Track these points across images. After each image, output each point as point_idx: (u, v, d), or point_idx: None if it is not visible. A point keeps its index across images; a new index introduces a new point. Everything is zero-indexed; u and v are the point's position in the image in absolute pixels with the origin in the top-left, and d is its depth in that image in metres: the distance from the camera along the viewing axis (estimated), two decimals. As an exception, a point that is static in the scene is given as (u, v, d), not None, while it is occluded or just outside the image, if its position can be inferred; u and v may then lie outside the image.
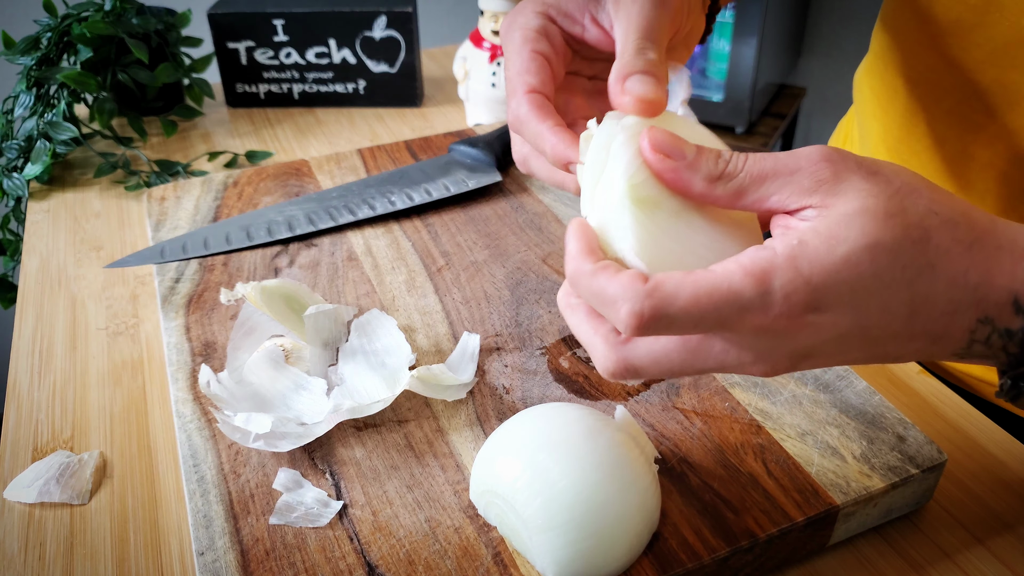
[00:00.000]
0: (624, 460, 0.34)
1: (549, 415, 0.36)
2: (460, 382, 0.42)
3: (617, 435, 0.35)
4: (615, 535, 0.33)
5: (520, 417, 0.37)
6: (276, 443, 0.38)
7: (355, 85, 0.84)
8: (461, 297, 0.50)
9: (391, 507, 0.37)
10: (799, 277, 0.27)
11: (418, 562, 0.34)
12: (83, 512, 0.41)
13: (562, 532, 0.33)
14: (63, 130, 0.71)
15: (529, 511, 0.33)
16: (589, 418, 0.36)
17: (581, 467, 0.33)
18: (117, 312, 0.55)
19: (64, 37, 0.75)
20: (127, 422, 0.46)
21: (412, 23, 0.80)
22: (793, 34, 1.86)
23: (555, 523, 0.33)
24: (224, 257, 0.54)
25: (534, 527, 0.33)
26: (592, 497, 0.33)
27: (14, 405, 0.48)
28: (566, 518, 0.33)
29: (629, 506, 0.33)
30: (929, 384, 0.48)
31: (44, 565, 0.38)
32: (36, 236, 0.65)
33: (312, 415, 0.40)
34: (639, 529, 0.34)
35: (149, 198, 0.61)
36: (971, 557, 0.38)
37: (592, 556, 0.33)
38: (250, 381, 0.42)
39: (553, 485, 0.33)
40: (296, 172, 0.64)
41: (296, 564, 0.34)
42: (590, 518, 0.33)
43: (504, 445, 0.35)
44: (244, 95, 0.85)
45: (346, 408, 0.39)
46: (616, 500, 0.33)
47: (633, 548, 0.34)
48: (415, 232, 0.57)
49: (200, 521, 0.36)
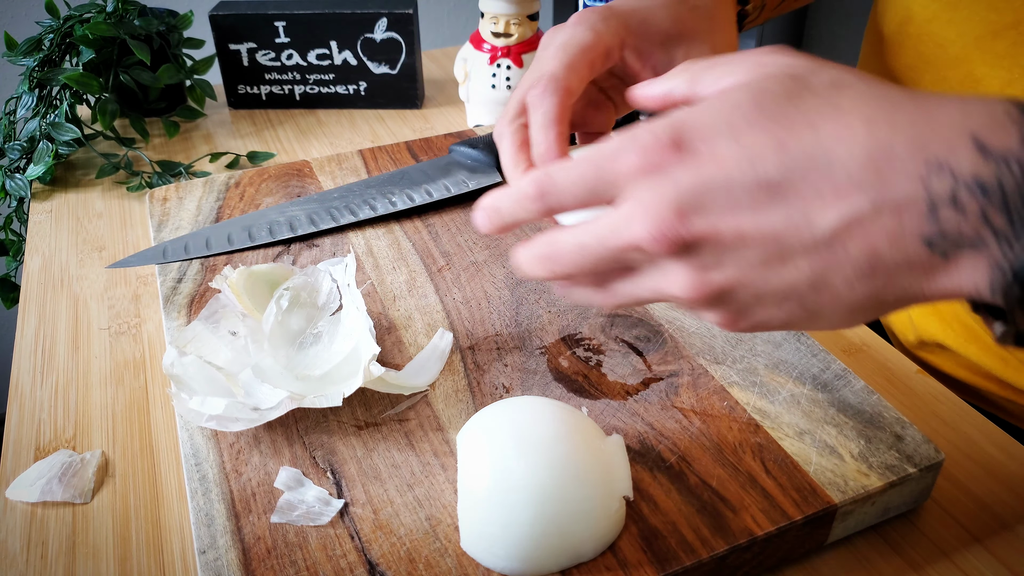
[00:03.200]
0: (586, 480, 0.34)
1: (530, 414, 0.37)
2: (414, 390, 0.42)
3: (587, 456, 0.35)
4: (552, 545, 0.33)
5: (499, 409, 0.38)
6: (228, 424, 0.39)
7: (356, 86, 0.84)
8: (461, 297, 0.50)
9: (392, 505, 0.37)
10: (664, 119, 0.29)
11: (419, 560, 0.34)
12: (85, 511, 0.41)
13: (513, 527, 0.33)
14: (65, 131, 0.71)
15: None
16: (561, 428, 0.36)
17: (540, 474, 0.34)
18: (119, 312, 0.55)
19: (66, 38, 0.75)
20: (129, 421, 0.46)
21: (413, 25, 0.80)
22: (793, 34, 1.86)
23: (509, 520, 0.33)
24: (226, 257, 0.55)
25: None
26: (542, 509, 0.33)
27: (16, 405, 0.48)
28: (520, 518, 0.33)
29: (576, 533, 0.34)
30: (927, 383, 0.48)
31: (46, 564, 0.39)
32: (38, 236, 0.65)
33: (267, 401, 0.40)
34: (578, 550, 0.34)
35: (151, 199, 0.62)
36: (969, 556, 0.38)
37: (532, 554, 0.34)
38: (212, 365, 0.42)
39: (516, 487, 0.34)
40: (298, 173, 0.64)
41: (297, 562, 0.35)
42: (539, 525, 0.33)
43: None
44: (246, 96, 0.85)
45: (302, 400, 0.40)
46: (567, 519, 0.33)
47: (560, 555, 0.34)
48: (415, 232, 0.57)
49: (202, 520, 0.36)
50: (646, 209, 0.28)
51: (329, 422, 0.41)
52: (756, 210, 0.27)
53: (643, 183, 0.28)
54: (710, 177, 0.27)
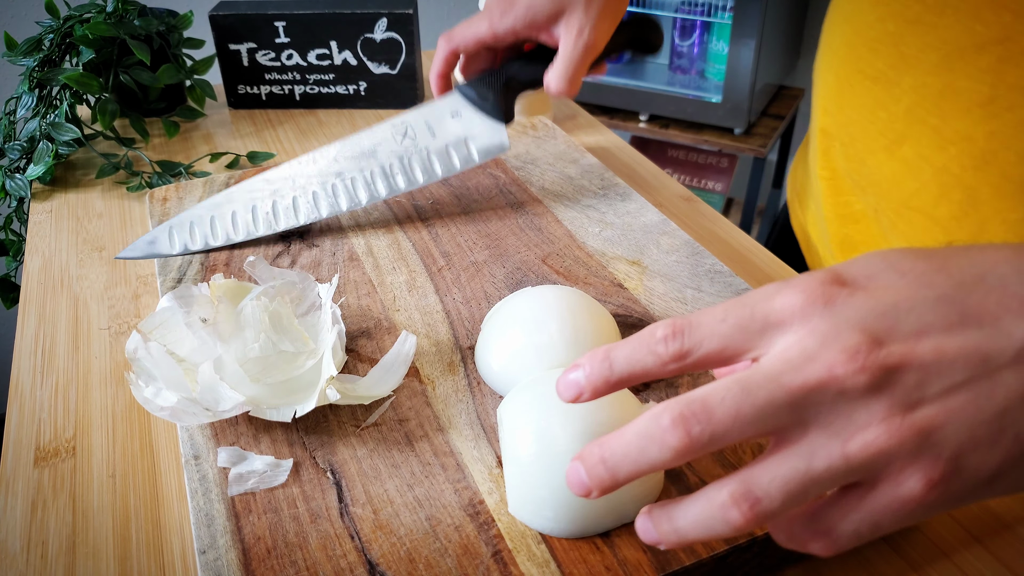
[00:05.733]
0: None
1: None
2: (376, 396, 0.42)
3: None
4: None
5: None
6: (180, 417, 0.39)
7: (356, 86, 0.84)
8: (461, 297, 0.50)
9: (392, 505, 0.37)
10: (812, 274, 0.27)
11: (419, 560, 0.34)
12: (85, 510, 0.41)
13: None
14: (65, 131, 0.71)
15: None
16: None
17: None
18: (119, 312, 0.55)
19: (66, 38, 0.75)
20: (129, 421, 0.46)
21: (413, 25, 0.80)
22: (792, 35, 1.86)
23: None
24: (227, 257, 0.55)
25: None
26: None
27: (16, 404, 0.48)
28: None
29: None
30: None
31: (46, 564, 0.39)
32: (38, 236, 0.65)
33: (220, 404, 0.40)
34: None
35: (151, 199, 0.62)
36: (970, 557, 0.38)
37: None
38: (174, 355, 0.42)
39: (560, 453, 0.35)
40: (297, 173, 0.64)
41: (297, 562, 0.35)
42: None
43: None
44: (246, 96, 0.85)
45: (255, 407, 0.40)
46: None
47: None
48: (416, 232, 0.57)
49: (202, 520, 0.36)
50: (827, 339, 0.25)
51: (329, 422, 0.41)
52: (949, 329, 0.25)
53: (814, 316, 0.25)
54: (892, 302, 0.25)
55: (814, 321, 0.25)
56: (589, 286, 0.51)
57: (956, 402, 0.25)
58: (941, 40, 0.45)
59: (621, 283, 0.51)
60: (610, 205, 0.60)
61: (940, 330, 0.25)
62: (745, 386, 0.25)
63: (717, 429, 0.25)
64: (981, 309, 0.25)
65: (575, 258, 0.54)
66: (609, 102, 1.82)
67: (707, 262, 0.53)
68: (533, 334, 0.41)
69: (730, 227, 0.64)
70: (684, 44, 1.80)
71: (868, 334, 0.25)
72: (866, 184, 0.53)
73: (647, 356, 0.27)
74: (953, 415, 0.24)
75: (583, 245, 0.55)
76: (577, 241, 0.56)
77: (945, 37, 0.45)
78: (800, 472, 0.25)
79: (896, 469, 0.25)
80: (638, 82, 1.80)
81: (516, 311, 0.43)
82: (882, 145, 0.50)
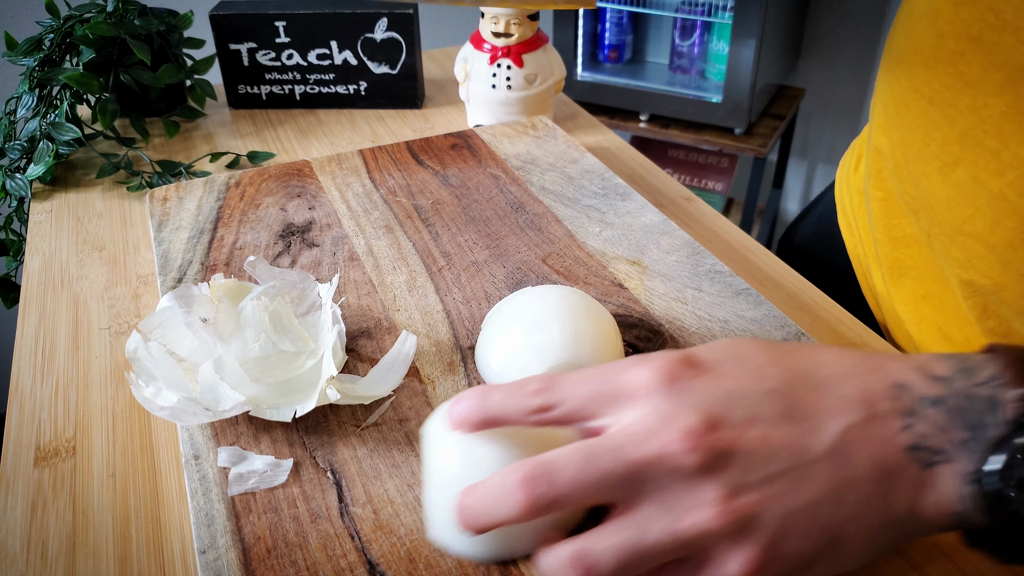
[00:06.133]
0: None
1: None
2: (376, 396, 0.42)
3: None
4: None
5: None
6: (180, 417, 0.39)
7: (356, 86, 0.84)
8: (462, 297, 0.50)
9: (392, 505, 0.37)
10: (668, 353, 0.29)
11: (419, 560, 0.34)
12: (85, 510, 0.41)
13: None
14: (66, 131, 0.71)
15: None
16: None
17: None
18: (119, 312, 0.55)
19: (66, 38, 0.75)
20: (129, 421, 0.46)
21: (413, 25, 0.80)
22: (792, 35, 1.86)
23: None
24: (227, 257, 0.55)
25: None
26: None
27: (16, 404, 0.48)
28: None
29: None
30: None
31: (46, 564, 0.39)
32: (39, 236, 0.65)
33: (221, 403, 0.40)
34: None
35: (151, 198, 0.62)
36: (970, 556, 0.38)
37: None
38: (174, 355, 0.42)
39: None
40: (298, 173, 0.65)
41: (297, 562, 0.35)
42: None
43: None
44: (246, 96, 0.85)
45: (256, 407, 0.40)
46: None
47: None
48: (416, 232, 0.57)
49: (202, 519, 0.36)
50: (667, 417, 0.27)
51: (329, 422, 0.41)
52: (776, 420, 0.28)
53: (659, 394, 0.28)
54: (730, 388, 0.28)
55: (658, 399, 0.28)
56: (589, 286, 0.51)
57: (774, 490, 0.27)
58: (1004, 60, 0.42)
59: (621, 283, 0.51)
60: (610, 205, 0.60)
61: (768, 420, 0.28)
62: (589, 454, 0.27)
63: (560, 492, 0.27)
64: (805, 404, 0.28)
65: (575, 258, 0.54)
66: (609, 102, 1.82)
67: (707, 262, 0.53)
68: (533, 334, 0.41)
69: (730, 227, 0.64)
70: (684, 44, 1.80)
71: (705, 416, 0.27)
72: (919, 207, 0.50)
73: (517, 403, 0.30)
74: (771, 502, 0.27)
75: (583, 245, 0.55)
76: (577, 241, 0.56)
77: (1008, 57, 0.42)
78: (633, 542, 0.27)
79: (722, 549, 0.27)
80: (638, 82, 1.80)
81: (516, 311, 0.43)
82: (936, 168, 0.48)
